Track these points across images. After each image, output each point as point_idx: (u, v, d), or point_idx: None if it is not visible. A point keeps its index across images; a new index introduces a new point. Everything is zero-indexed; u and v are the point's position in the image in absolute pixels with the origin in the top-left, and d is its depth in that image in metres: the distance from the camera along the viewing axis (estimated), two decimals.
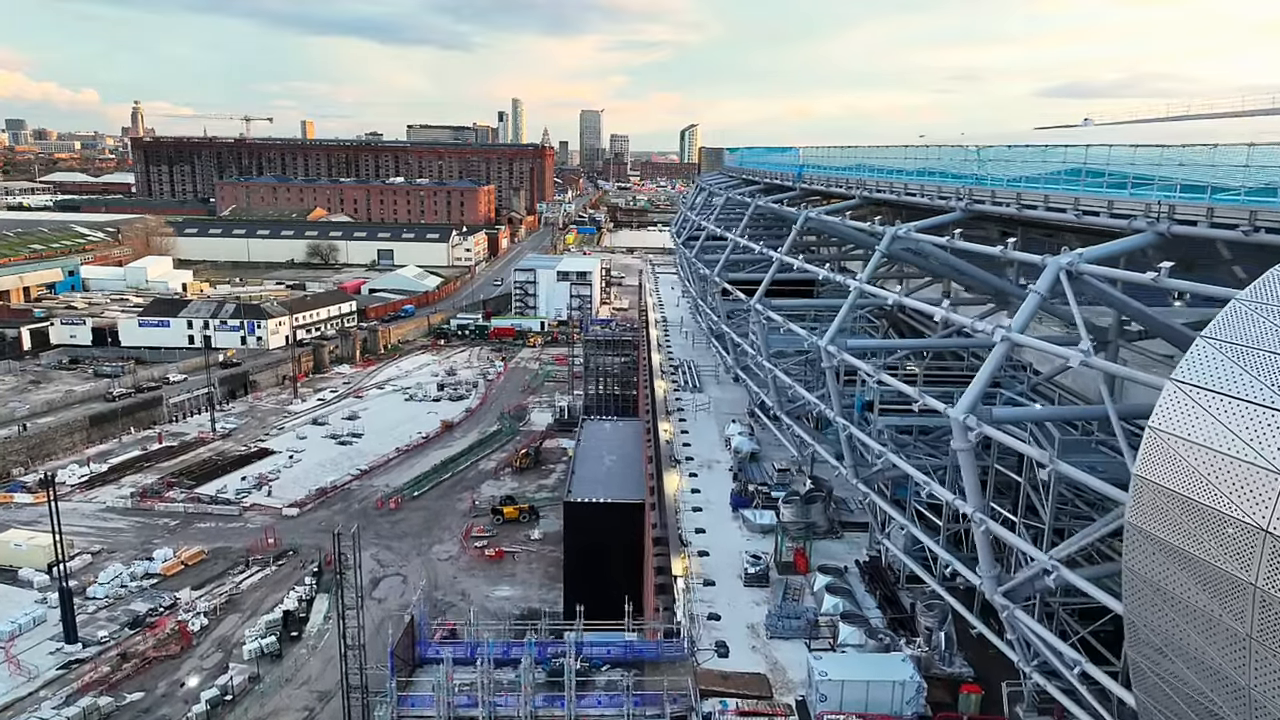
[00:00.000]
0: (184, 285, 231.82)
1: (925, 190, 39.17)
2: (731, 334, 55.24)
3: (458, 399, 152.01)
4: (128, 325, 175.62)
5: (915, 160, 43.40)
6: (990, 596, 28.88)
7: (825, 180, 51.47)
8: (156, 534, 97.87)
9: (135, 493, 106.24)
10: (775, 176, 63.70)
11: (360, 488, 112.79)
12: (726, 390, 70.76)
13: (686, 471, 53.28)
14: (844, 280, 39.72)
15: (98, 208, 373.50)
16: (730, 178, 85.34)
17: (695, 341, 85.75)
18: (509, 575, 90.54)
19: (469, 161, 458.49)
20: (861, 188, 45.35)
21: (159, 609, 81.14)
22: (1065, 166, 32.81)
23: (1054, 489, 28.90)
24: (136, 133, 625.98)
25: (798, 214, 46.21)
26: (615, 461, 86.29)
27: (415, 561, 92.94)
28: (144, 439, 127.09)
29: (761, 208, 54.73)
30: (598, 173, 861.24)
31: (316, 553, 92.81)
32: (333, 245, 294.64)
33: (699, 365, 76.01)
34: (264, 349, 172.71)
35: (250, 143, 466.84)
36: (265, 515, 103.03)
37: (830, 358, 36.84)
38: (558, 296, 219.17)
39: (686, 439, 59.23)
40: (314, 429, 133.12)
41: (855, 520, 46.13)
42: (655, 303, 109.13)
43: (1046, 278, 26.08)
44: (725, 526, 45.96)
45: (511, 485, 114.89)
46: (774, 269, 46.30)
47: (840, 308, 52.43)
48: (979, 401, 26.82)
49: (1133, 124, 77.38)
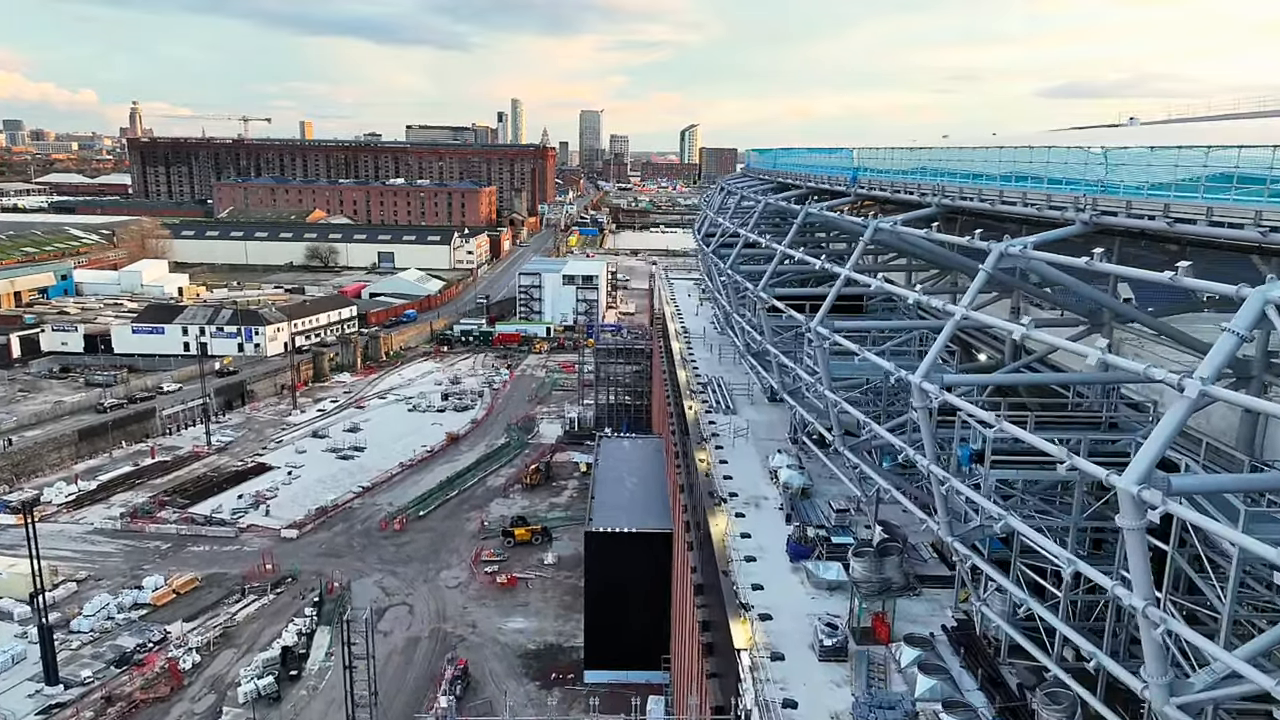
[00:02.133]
0: (180, 289, 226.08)
1: (1030, 199, 33.61)
2: (780, 356, 49.66)
3: (463, 409, 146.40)
4: (121, 332, 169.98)
5: (1002, 164, 37.94)
6: (1160, 708, 23.19)
7: (887, 185, 45.94)
8: (147, 558, 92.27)
9: (125, 513, 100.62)
10: (821, 180, 58.19)
11: (362, 506, 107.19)
12: (762, 412, 65.02)
13: (732, 510, 47.62)
14: (911, 297, 34.14)
15: (93, 209, 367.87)
16: (761, 180, 79.87)
17: (722, 356, 79.99)
18: (522, 605, 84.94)
19: (469, 162, 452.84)
20: (939, 194, 39.80)
21: (148, 644, 75.54)
22: (1207, 172, 27.49)
23: (1236, 570, 23.30)
24: (135, 133, 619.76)
25: (865, 224, 40.63)
26: (637, 485, 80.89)
27: (422, 589, 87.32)
28: (136, 453, 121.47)
29: (814, 215, 49.22)
30: (597, 173, 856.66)
31: (317, 580, 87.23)
32: (332, 248, 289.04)
33: (729, 383, 70.26)
34: (262, 356, 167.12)
35: (248, 143, 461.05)
36: (263, 537, 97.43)
37: (925, 397, 31.21)
38: (563, 301, 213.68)
39: (726, 470, 53.44)
40: (314, 442, 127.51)
41: (932, 573, 40.54)
42: (673, 311, 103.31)
43: (1248, 315, 20.48)
44: (785, 581, 40.26)
45: (522, 503, 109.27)
46: (839, 285, 40.72)
47: (910, 330, 47.64)
48: (1153, 469, 21.17)
49: (1177, 123, 72.92)
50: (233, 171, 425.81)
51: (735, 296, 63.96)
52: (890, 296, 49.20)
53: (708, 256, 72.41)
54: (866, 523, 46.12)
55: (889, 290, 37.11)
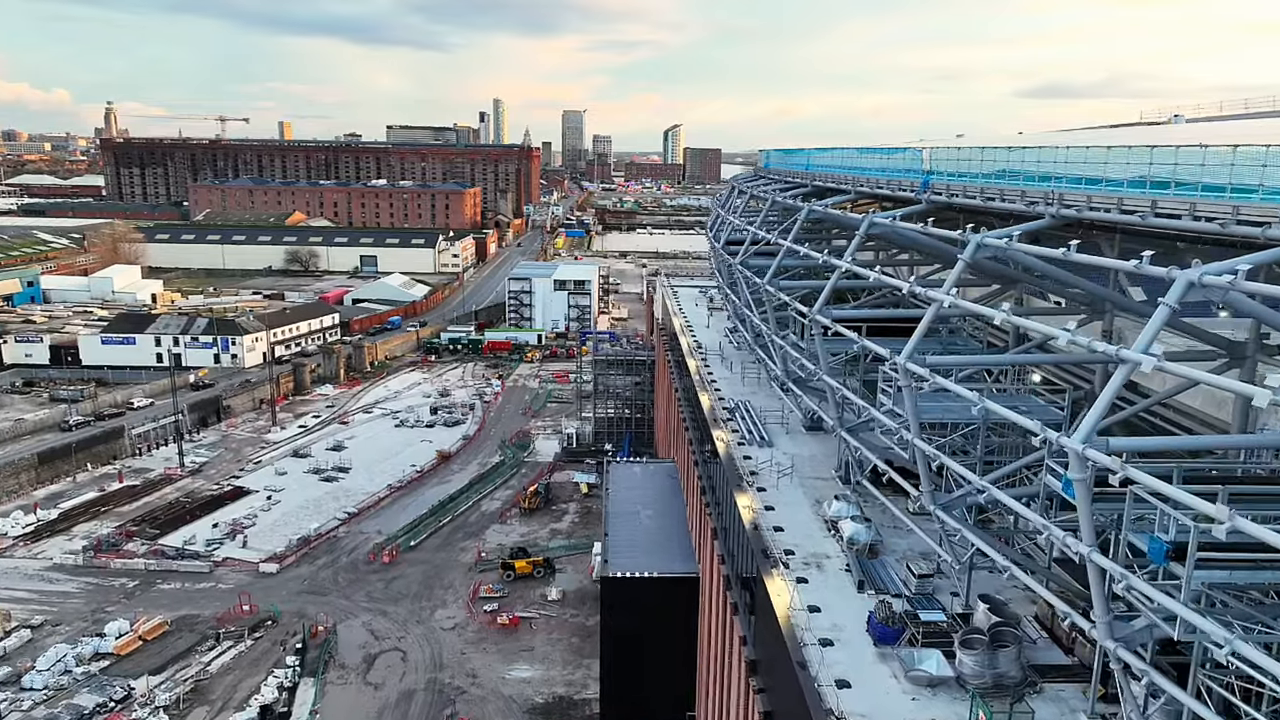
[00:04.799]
0: (153, 296, 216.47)
1: (1200, 210, 26.67)
2: (847, 393, 42.38)
3: (453, 424, 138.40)
4: (89, 342, 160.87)
5: (1124, 166, 31.03)
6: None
7: (974, 192, 38.72)
8: (111, 599, 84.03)
9: (88, 546, 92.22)
10: (875, 184, 50.96)
11: (348, 535, 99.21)
12: (800, 443, 57.65)
13: (793, 575, 40.34)
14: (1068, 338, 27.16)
15: (65, 212, 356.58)
16: (788, 182, 72.70)
17: (745, 376, 72.67)
18: (526, 649, 77.37)
19: (453, 163, 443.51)
20: (1057, 203, 32.73)
21: (109, 703, 67.48)
22: None
23: None
24: (109, 134, 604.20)
25: (965, 238, 33.54)
26: (653, 518, 73.46)
27: (415, 631, 79.58)
28: (102, 477, 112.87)
29: (881, 226, 41.80)
30: (581, 174, 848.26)
31: (300, 622, 79.41)
32: (313, 251, 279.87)
33: (759, 408, 62.94)
34: (239, 368, 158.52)
35: (226, 144, 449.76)
36: (239, 572, 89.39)
37: (1082, 465, 24.10)
38: (555, 307, 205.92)
39: (773, 517, 46.11)
40: (295, 462, 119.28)
41: (1046, 659, 33.43)
42: (683, 324, 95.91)
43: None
44: (872, 674, 32.94)
45: (521, 530, 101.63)
46: (931, 314, 33.61)
47: (1003, 364, 40.60)
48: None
49: (1220, 121, 68.03)
50: (209, 173, 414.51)
51: (770, 312, 56.73)
52: (978, 318, 42.44)
53: (735, 269, 65.14)
54: (953, 588, 39.08)
55: (974, 312, 30.02)
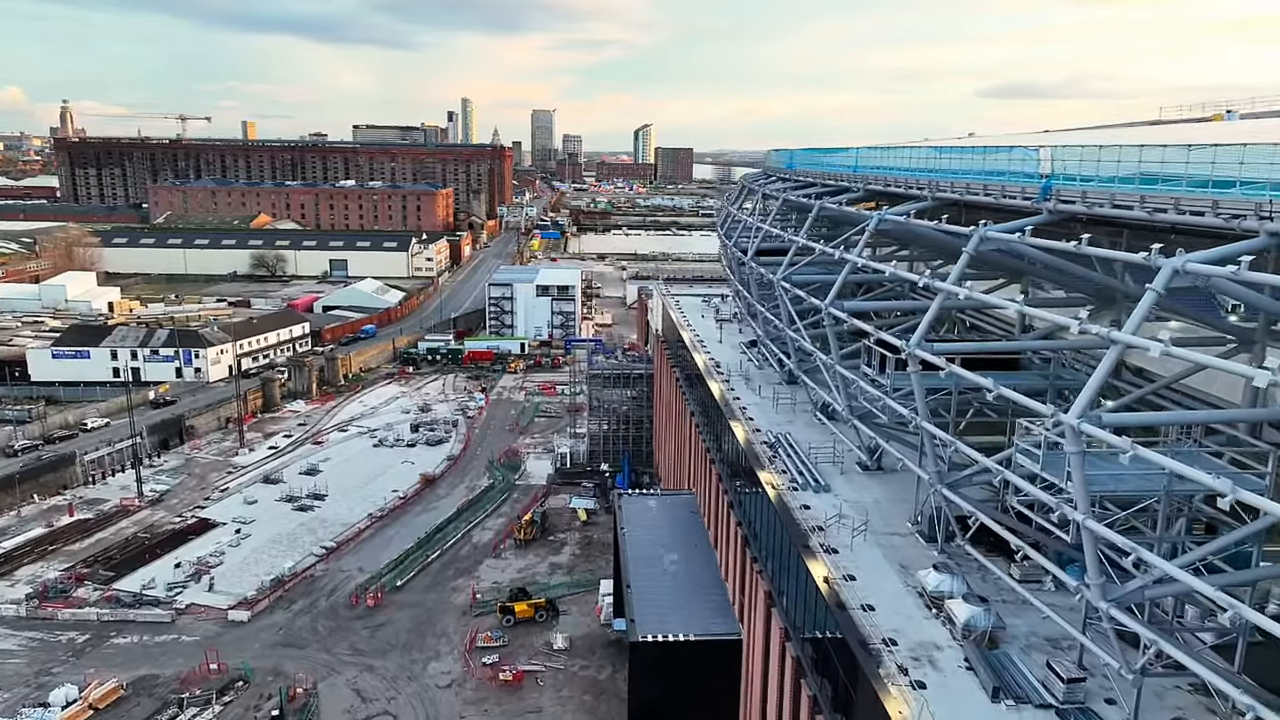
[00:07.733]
0: (110, 304, 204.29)
1: None
2: (983, 459, 33.92)
3: (436, 443, 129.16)
4: (39, 356, 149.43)
5: None
6: None
7: (1106, 197, 30.54)
8: (58, 657, 74.18)
9: (32, 594, 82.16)
10: (959, 188, 43.07)
11: (327, 573, 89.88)
12: (858, 486, 49.34)
13: (903, 678, 32.27)
14: None
15: (15, 215, 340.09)
16: (827, 185, 64.82)
17: (777, 402, 64.45)
18: (534, 711, 68.74)
19: (423, 163, 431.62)
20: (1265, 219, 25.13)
21: None
22: None
23: None
24: (65, 133, 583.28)
25: (1155, 260, 25.87)
26: (679, 564, 65.13)
27: (407, 690, 70.65)
28: (50, 510, 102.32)
29: (996, 240, 33.81)
30: (552, 174, 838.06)
31: (275, 682, 70.23)
32: (279, 255, 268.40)
33: (803, 443, 54.75)
34: (203, 383, 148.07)
35: (187, 144, 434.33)
36: (205, 621, 79.87)
37: None
38: (537, 313, 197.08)
39: (859, 590, 38.08)
40: (266, 489, 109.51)
41: None
42: (694, 338, 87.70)
43: None
44: None
45: (517, 565, 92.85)
46: (1113, 356, 25.82)
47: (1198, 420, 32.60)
48: None
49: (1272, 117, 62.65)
50: (170, 174, 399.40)
51: (833, 338, 48.73)
52: None
53: (777, 285, 57.07)
54: (1105, 692, 31.32)
55: None
